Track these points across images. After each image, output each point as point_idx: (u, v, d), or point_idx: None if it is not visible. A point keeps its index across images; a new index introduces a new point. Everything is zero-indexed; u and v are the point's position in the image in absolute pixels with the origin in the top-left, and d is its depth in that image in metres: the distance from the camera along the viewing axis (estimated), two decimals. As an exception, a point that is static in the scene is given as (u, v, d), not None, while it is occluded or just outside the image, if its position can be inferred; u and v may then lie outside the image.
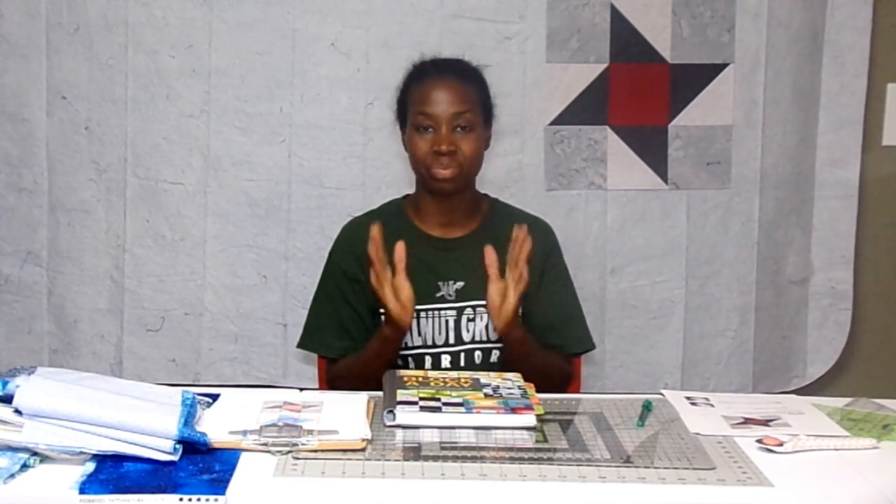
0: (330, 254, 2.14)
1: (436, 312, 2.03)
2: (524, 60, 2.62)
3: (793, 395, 1.89)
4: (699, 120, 2.67)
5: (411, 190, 2.14)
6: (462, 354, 2.04)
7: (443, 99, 1.99)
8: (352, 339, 2.06)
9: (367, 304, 2.05)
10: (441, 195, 2.04)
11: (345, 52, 2.59)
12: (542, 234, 2.10)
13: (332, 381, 2.07)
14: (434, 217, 2.08)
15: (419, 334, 2.03)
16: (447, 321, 2.03)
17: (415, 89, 2.04)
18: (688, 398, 1.77)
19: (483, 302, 1.95)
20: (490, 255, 1.88)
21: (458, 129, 1.99)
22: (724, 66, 2.66)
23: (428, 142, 1.99)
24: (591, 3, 2.62)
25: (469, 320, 2.04)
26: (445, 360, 2.03)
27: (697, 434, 1.60)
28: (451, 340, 2.03)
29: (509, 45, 2.61)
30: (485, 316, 2.02)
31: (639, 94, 2.66)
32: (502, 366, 2.01)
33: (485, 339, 2.04)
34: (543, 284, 2.09)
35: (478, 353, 2.04)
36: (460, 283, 2.04)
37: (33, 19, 2.58)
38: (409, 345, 2.03)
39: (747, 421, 1.66)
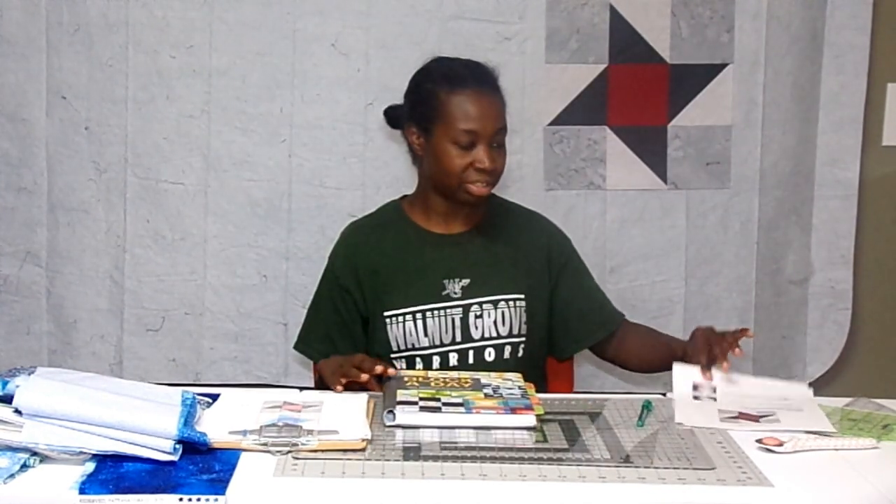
0: (329, 257, 2.13)
1: (442, 311, 2.02)
2: (523, 61, 2.62)
3: (803, 386, 1.85)
4: (698, 120, 2.67)
5: (410, 190, 2.14)
6: (471, 352, 2.02)
7: (486, 114, 1.94)
8: (334, 346, 2.04)
9: (358, 313, 2.06)
10: (466, 204, 2.02)
11: (345, 52, 2.59)
12: (548, 227, 2.15)
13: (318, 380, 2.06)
14: (439, 216, 2.07)
15: (426, 334, 2.02)
16: (453, 319, 2.02)
17: (451, 99, 1.94)
18: (694, 386, 1.79)
19: (490, 298, 2.00)
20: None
21: (496, 144, 1.97)
22: (724, 66, 2.66)
23: (466, 157, 1.94)
24: (591, 4, 2.62)
25: (477, 317, 2.02)
26: (453, 359, 2.02)
27: (680, 424, 1.64)
28: (459, 339, 2.02)
29: (509, 46, 2.61)
30: (493, 312, 2.02)
31: (638, 95, 2.66)
32: (517, 361, 2.02)
33: (495, 335, 2.03)
34: (571, 274, 2.11)
35: (489, 350, 2.03)
36: (466, 281, 2.03)
37: (33, 19, 2.58)
38: (416, 346, 2.02)
39: (741, 416, 1.68)
